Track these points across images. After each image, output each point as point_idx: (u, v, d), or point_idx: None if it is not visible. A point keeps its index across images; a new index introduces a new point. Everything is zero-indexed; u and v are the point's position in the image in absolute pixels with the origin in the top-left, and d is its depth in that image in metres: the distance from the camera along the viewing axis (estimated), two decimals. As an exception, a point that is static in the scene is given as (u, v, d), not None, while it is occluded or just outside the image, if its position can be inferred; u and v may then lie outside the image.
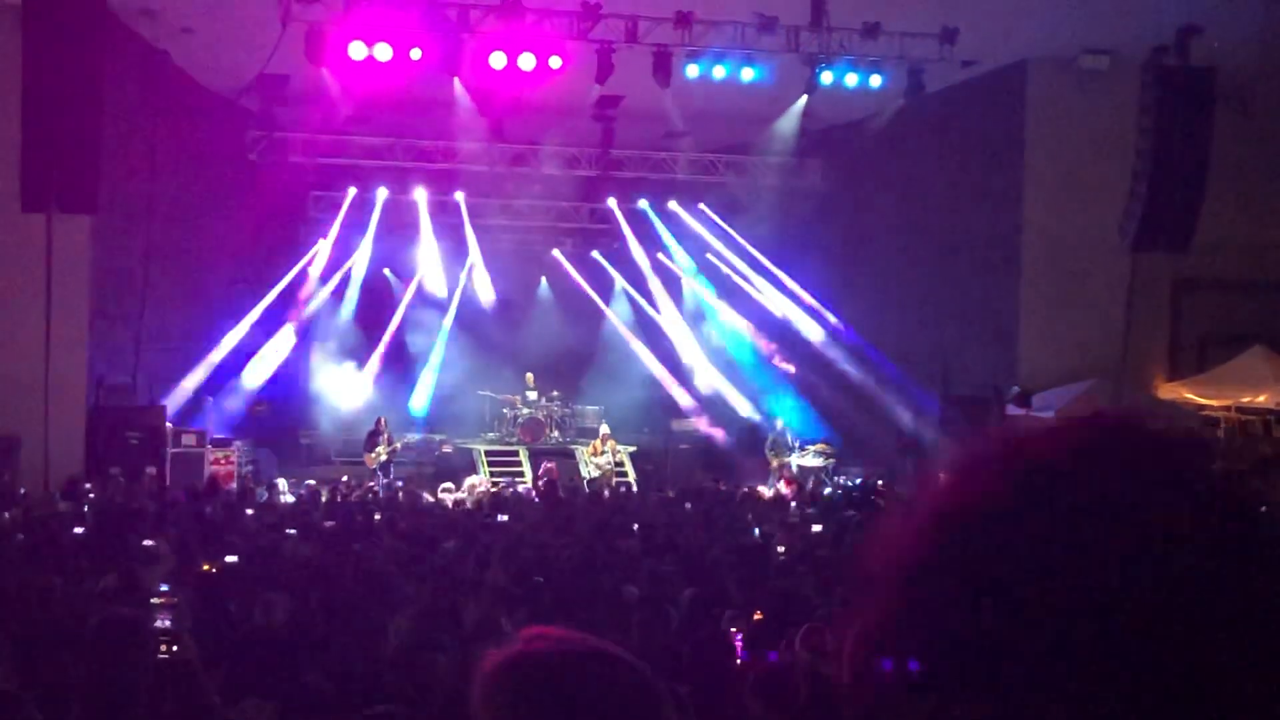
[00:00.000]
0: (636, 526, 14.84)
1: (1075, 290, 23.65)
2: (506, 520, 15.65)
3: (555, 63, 19.97)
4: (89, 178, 17.87)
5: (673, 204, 30.28)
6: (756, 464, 25.00)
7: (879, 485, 21.33)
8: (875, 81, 21.64)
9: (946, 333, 25.50)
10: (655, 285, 31.36)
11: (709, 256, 30.46)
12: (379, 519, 15.60)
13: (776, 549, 13.31)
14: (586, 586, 10.38)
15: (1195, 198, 20.67)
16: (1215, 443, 17.21)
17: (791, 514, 17.25)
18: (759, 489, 21.82)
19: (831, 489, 22.63)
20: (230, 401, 25.31)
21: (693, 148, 27.89)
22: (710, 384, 29.35)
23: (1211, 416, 23.35)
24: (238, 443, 23.62)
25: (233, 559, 11.02)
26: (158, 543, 11.54)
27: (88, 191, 17.99)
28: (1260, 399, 22.32)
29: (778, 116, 25.11)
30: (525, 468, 25.82)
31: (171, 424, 22.47)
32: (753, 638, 8.30)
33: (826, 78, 21.46)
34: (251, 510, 16.39)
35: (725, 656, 7.94)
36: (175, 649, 6.79)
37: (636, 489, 22.96)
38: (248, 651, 7.90)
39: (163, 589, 9.52)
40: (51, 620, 7.43)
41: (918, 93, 22.09)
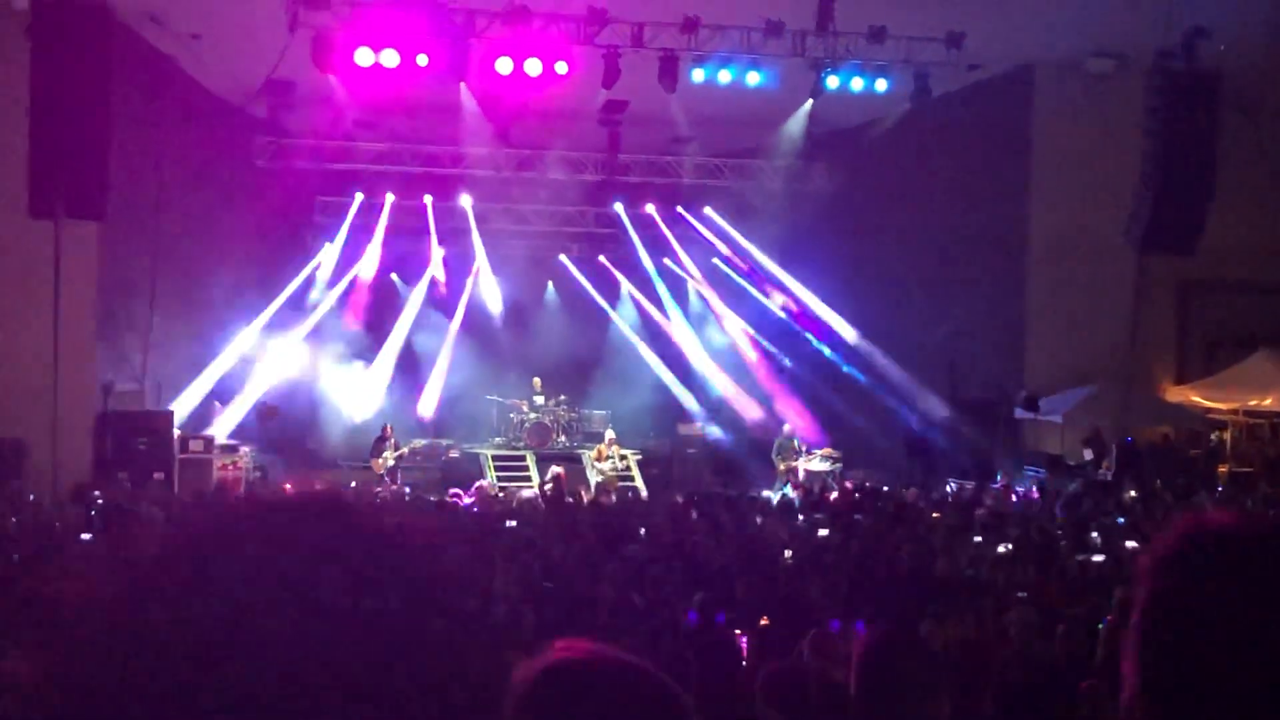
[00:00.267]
0: (643, 531, 14.82)
1: (1082, 293, 23.65)
2: (515, 526, 15.62)
3: (561, 68, 19.98)
4: (97, 184, 17.89)
5: (679, 208, 30.26)
6: (764, 468, 24.98)
7: (885, 490, 21.25)
8: (881, 86, 21.60)
9: (953, 336, 25.48)
10: (662, 290, 31.36)
11: (715, 261, 30.44)
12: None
13: (784, 554, 13.29)
14: (591, 593, 10.38)
15: (1202, 201, 20.64)
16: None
17: (799, 519, 17.21)
18: (766, 493, 21.78)
19: (839, 493, 22.56)
20: (238, 407, 25.31)
21: (698, 152, 27.90)
22: (717, 388, 29.32)
23: (1219, 419, 23.35)
24: (245, 448, 23.61)
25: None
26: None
27: (95, 197, 18.01)
28: (1267, 402, 22.31)
29: (783, 121, 25.12)
30: (532, 472, 25.78)
31: (179, 430, 22.52)
32: (760, 643, 8.30)
33: (832, 82, 21.46)
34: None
35: (733, 662, 7.94)
36: None
37: (646, 494, 22.89)
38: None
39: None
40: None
41: (924, 97, 22.03)
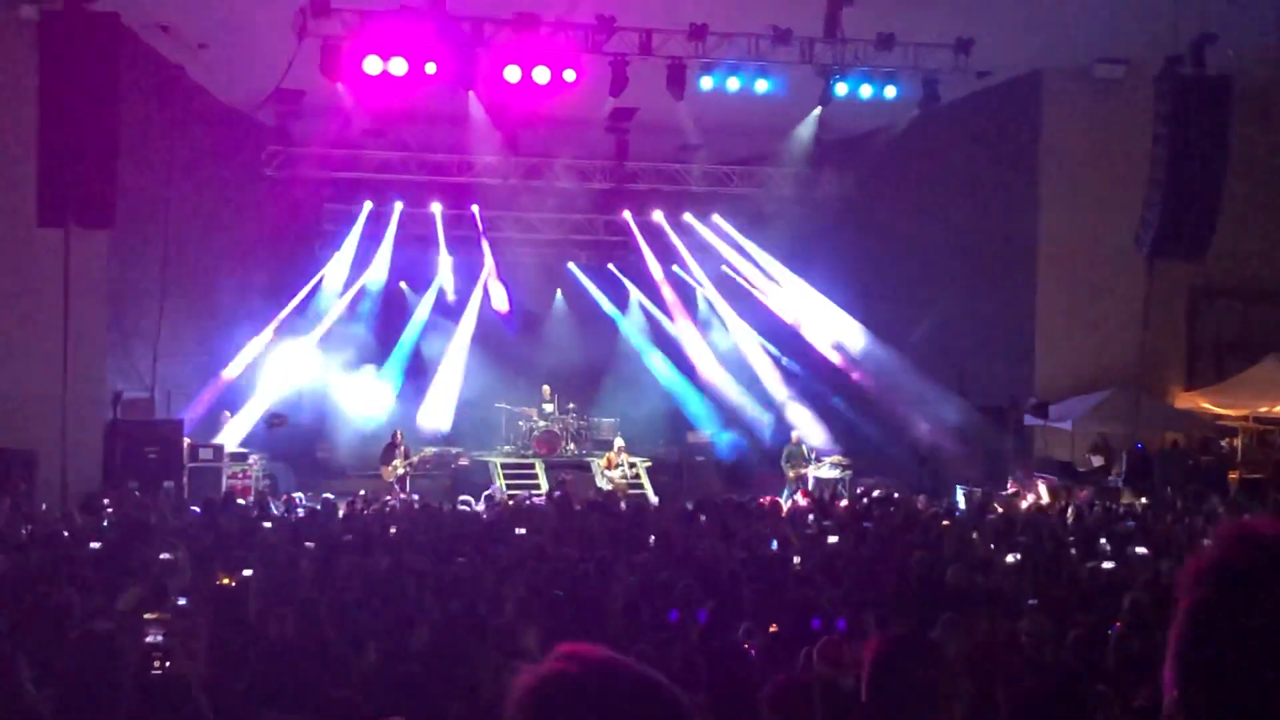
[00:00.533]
0: (653, 539, 14.79)
1: (1092, 299, 23.60)
2: (524, 533, 15.61)
3: (569, 76, 19.99)
4: (106, 193, 17.92)
5: (687, 216, 30.26)
6: (773, 476, 24.94)
7: (895, 496, 21.19)
8: (890, 92, 21.56)
9: (963, 343, 25.45)
10: (670, 297, 31.34)
11: (724, 268, 30.42)
12: (394, 531, 15.57)
13: (793, 561, 13.26)
14: (601, 600, 10.36)
15: (1212, 206, 20.56)
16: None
17: (808, 526, 17.17)
18: (776, 501, 21.72)
19: (849, 500, 22.52)
20: (247, 415, 25.33)
21: (707, 160, 27.89)
22: (727, 396, 29.28)
23: (1229, 426, 23.26)
24: (255, 456, 23.64)
25: (249, 573, 11.02)
26: (174, 556, 11.54)
27: (105, 206, 18.03)
28: (1277, 408, 22.22)
29: (792, 128, 25.10)
30: (541, 480, 25.79)
31: (189, 438, 22.53)
32: (769, 650, 8.27)
33: (841, 89, 21.42)
34: (269, 523, 16.37)
35: (742, 669, 7.91)
36: (169, 664, 6.72)
37: (657, 501, 22.85)
38: (268, 665, 7.89)
39: (180, 602, 9.54)
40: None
41: (933, 103, 22.01)
